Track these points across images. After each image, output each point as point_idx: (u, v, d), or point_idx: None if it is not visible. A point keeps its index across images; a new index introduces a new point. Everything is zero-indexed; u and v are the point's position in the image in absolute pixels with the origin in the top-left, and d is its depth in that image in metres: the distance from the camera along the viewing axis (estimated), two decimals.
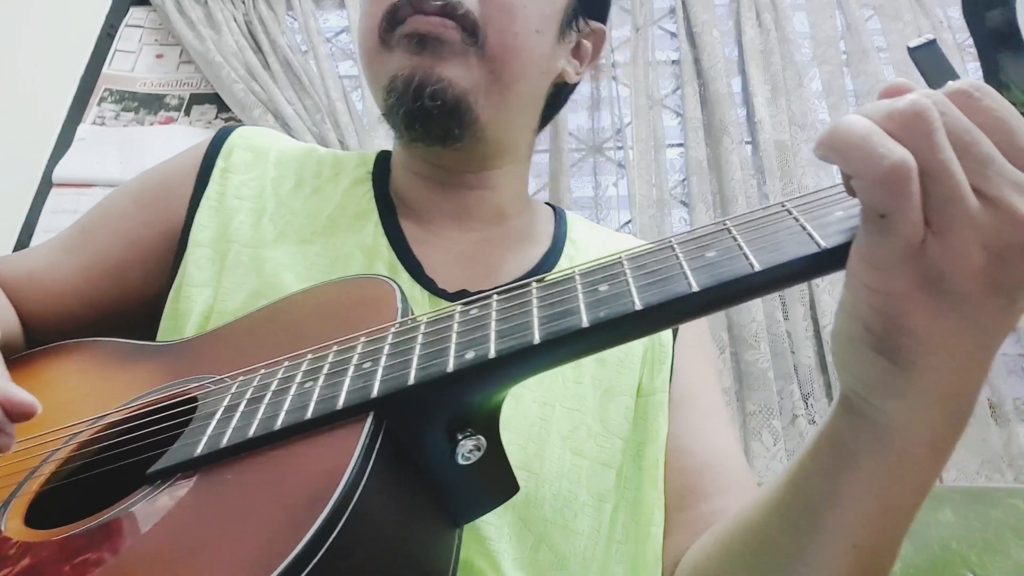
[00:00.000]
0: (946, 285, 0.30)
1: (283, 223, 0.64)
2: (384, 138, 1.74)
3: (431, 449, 0.38)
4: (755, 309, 1.49)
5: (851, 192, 0.33)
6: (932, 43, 0.39)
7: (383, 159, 0.72)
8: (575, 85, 0.73)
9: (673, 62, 1.88)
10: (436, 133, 0.61)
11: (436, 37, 0.58)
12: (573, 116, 1.82)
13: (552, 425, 0.56)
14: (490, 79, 0.60)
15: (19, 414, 0.41)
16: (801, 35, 1.84)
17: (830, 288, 1.51)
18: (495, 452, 0.40)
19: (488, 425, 0.39)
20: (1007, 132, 0.30)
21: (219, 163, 0.67)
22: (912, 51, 0.39)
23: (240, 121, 1.82)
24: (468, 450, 0.38)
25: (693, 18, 1.82)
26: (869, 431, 0.35)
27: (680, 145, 1.75)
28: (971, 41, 0.39)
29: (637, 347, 0.63)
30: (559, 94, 0.71)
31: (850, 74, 1.79)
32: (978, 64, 0.39)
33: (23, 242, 1.73)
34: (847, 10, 1.84)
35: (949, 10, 1.84)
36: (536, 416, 0.56)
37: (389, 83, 0.60)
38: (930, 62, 0.38)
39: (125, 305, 0.65)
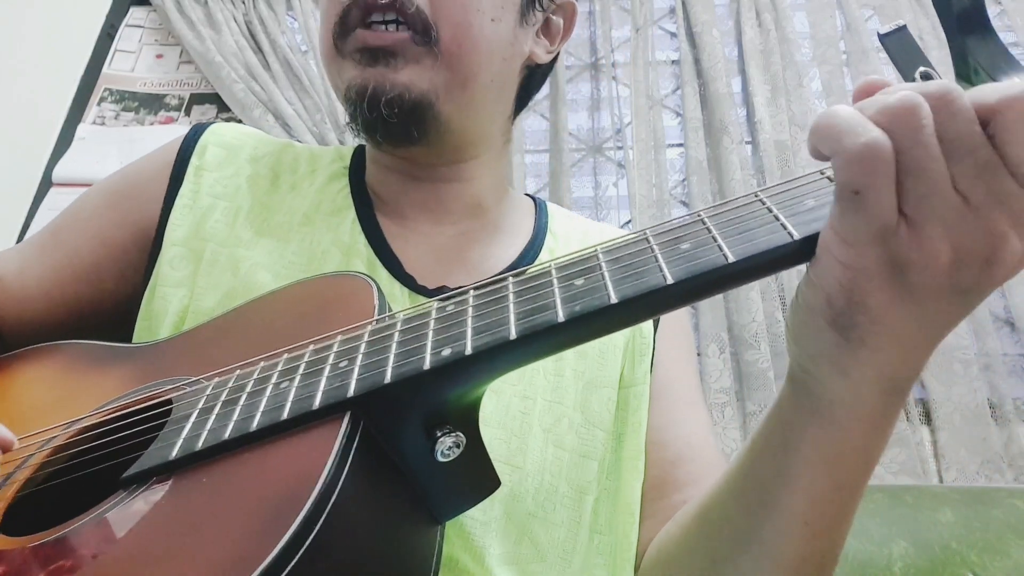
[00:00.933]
0: (910, 275, 0.31)
1: (259, 221, 0.64)
2: None
3: (410, 447, 0.38)
4: (755, 309, 1.49)
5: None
6: (903, 29, 0.39)
7: (360, 153, 0.72)
8: (551, 64, 0.71)
9: (673, 62, 1.88)
10: (398, 138, 0.61)
11: (386, 49, 0.58)
12: (573, 116, 1.82)
13: (534, 419, 0.57)
14: (448, 76, 0.59)
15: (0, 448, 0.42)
16: (801, 35, 1.84)
17: None
18: (475, 448, 0.39)
19: (467, 421, 0.39)
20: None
21: (193, 161, 0.66)
22: (882, 38, 0.39)
23: (240, 121, 1.82)
24: (447, 447, 0.38)
25: (693, 18, 1.82)
26: (812, 407, 0.37)
27: (680, 145, 1.75)
28: None
29: (618, 338, 0.63)
30: (532, 76, 0.70)
31: (850, 74, 1.79)
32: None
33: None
34: (847, 10, 1.84)
35: None
36: (518, 410, 0.56)
37: (345, 92, 0.60)
38: (901, 49, 0.38)
39: (99, 306, 0.64)
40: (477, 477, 0.42)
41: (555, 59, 0.71)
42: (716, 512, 0.46)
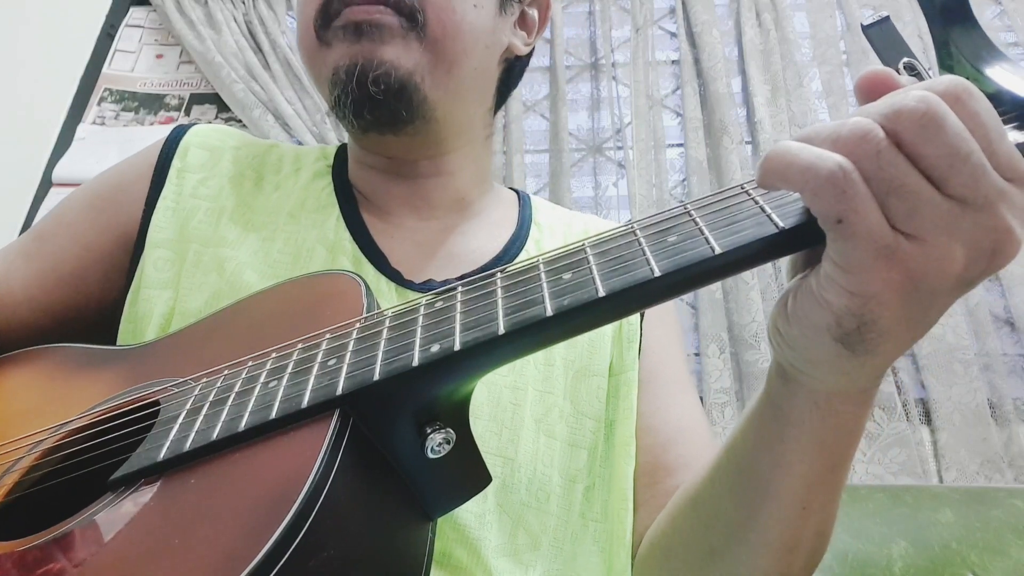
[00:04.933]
0: (925, 285, 0.31)
1: (243, 221, 0.64)
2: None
3: (400, 444, 0.38)
4: (755, 309, 1.49)
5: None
6: (886, 20, 0.39)
7: (343, 152, 0.72)
8: (528, 58, 0.72)
9: (673, 62, 1.88)
10: (385, 119, 0.61)
11: (373, 23, 0.57)
12: (573, 116, 1.82)
13: (525, 409, 0.57)
14: (433, 59, 0.59)
15: None
16: (801, 35, 1.84)
17: None
18: (465, 444, 0.39)
19: (457, 417, 0.39)
20: (987, 139, 0.30)
21: (175, 163, 0.66)
22: (866, 29, 0.39)
23: (240, 121, 1.82)
24: (437, 443, 0.37)
25: (693, 18, 1.82)
26: (810, 400, 0.37)
27: (680, 145, 1.76)
28: None
29: (607, 327, 0.63)
30: (511, 69, 0.70)
31: (850, 74, 1.79)
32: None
33: None
34: (847, 10, 1.84)
35: None
36: (509, 401, 0.56)
37: (332, 76, 0.59)
38: (884, 40, 0.38)
39: (84, 311, 0.64)
40: (468, 473, 0.42)
41: (531, 53, 0.72)
42: (708, 505, 0.47)
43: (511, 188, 0.76)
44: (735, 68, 1.80)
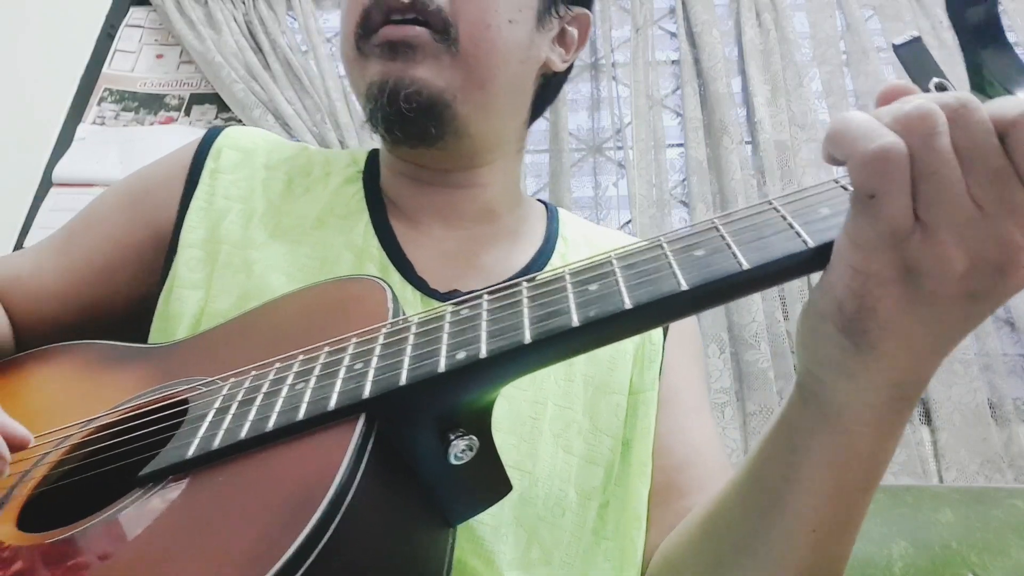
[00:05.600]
0: (924, 281, 0.31)
1: (272, 224, 0.64)
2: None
3: (423, 449, 0.38)
4: (755, 309, 1.49)
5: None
6: (917, 40, 0.39)
7: (374, 157, 0.72)
8: (566, 74, 0.72)
9: (673, 62, 1.88)
10: (415, 135, 0.62)
11: (407, 43, 0.58)
12: (573, 116, 1.82)
13: (544, 424, 0.57)
14: (465, 75, 0.60)
15: (16, 446, 0.42)
16: (801, 35, 1.84)
17: None
18: (487, 452, 0.40)
19: (480, 425, 0.39)
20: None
21: (208, 164, 0.67)
22: (897, 48, 0.39)
23: (240, 121, 1.82)
24: (460, 450, 0.38)
25: (693, 18, 1.82)
26: (819, 412, 0.37)
27: (680, 145, 1.75)
28: None
29: (628, 344, 0.63)
30: (548, 84, 0.70)
31: (850, 74, 1.79)
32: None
33: (23, 242, 1.73)
34: (847, 10, 1.84)
35: None
36: (528, 415, 0.56)
37: (367, 91, 0.61)
38: (915, 60, 0.38)
39: (113, 307, 0.64)
40: (489, 480, 0.42)
41: (570, 68, 0.72)
42: (722, 516, 0.46)
43: (539, 200, 0.76)
44: (735, 68, 1.80)
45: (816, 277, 0.34)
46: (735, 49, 1.83)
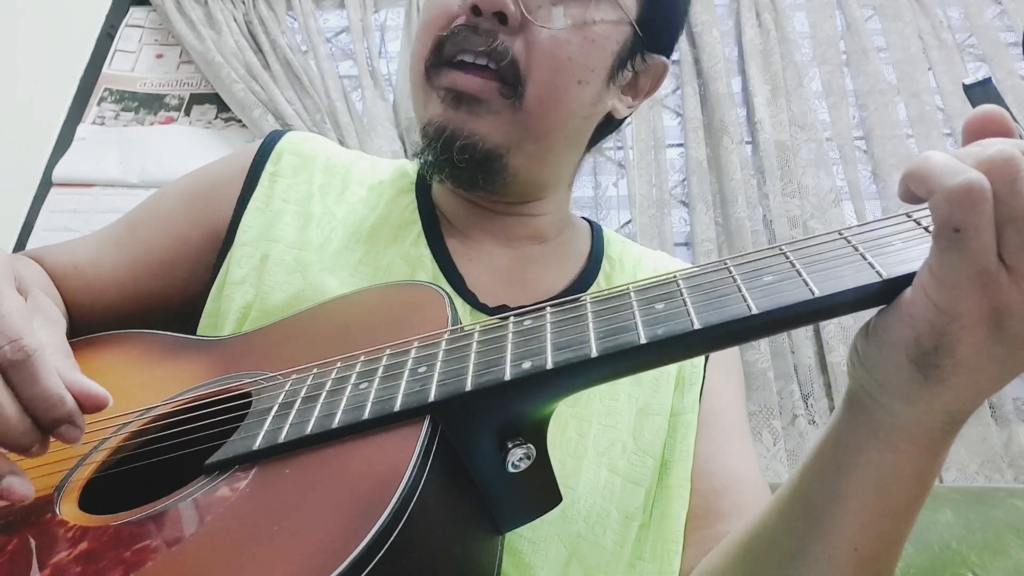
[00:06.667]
0: (1009, 324, 0.31)
1: (328, 229, 0.65)
2: (384, 138, 1.73)
3: (482, 455, 0.39)
4: None
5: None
6: (988, 81, 0.39)
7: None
8: (625, 118, 0.70)
9: (673, 62, 1.87)
10: (463, 182, 0.62)
11: (474, 96, 0.58)
12: None
13: (588, 441, 0.57)
14: (524, 132, 0.59)
15: (92, 406, 0.41)
16: (801, 35, 1.84)
17: None
18: (542, 462, 0.40)
19: (538, 435, 0.39)
20: None
21: (268, 167, 0.68)
22: (967, 89, 0.40)
23: (240, 121, 1.82)
24: (518, 458, 0.39)
25: (693, 18, 1.82)
26: (870, 430, 0.37)
27: (680, 145, 1.76)
28: (971, 42, 0.39)
29: (671, 366, 0.63)
30: (607, 124, 0.69)
31: (850, 74, 1.80)
32: (978, 64, 0.39)
33: (23, 242, 1.73)
34: (847, 10, 1.84)
35: (949, 10, 1.84)
36: (573, 432, 0.57)
37: (424, 128, 0.61)
38: (985, 99, 0.39)
39: (167, 301, 0.66)
40: (541, 490, 0.42)
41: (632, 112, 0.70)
42: (763, 535, 0.45)
43: (584, 218, 0.76)
44: (735, 68, 1.80)
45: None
46: (735, 49, 1.83)
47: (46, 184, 1.81)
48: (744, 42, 1.79)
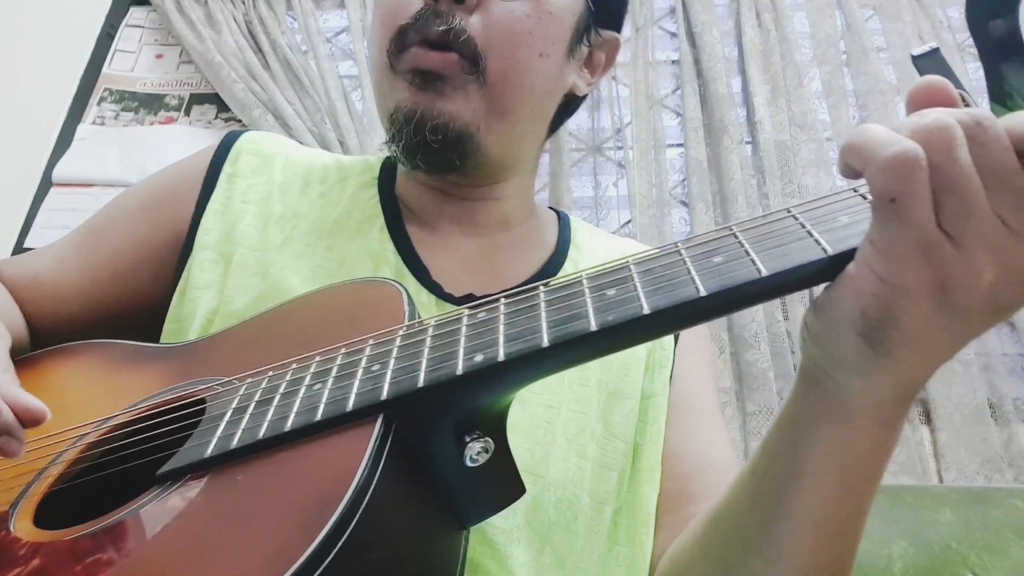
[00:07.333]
0: (954, 294, 0.31)
1: (289, 228, 0.65)
2: (384, 138, 1.73)
3: (439, 451, 0.38)
4: (755, 309, 1.48)
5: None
6: (935, 51, 0.39)
7: (390, 164, 0.73)
8: (585, 96, 0.72)
9: (673, 62, 1.88)
10: (437, 164, 0.62)
11: (437, 74, 0.59)
12: (573, 116, 1.82)
13: (558, 428, 0.57)
14: (491, 108, 0.60)
15: (30, 420, 0.42)
16: (801, 35, 1.84)
17: None
18: (502, 454, 0.40)
19: (495, 427, 0.39)
20: None
21: (226, 168, 0.67)
22: (916, 59, 0.39)
23: (240, 121, 1.82)
24: (476, 452, 0.38)
25: (693, 18, 1.82)
26: (825, 406, 0.37)
27: (680, 145, 1.75)
28: (971, 41, 0.39)
29: (640, 350, 0.63)
30: (569, 104, 0.71)
31: (850, 74, 1.79)
32: (978, 64, 0.39)
33: (23, 242, 1.73)
34: (847, 10, 1.84)
35: (949, 10, 1.84)
36: (542, 419, 0.57)
37: (392, 114, 0.61)
38: (934, 71, 0.38)
39: (131, 308, 0.65)
40: (503, 483, 0.42)
41: (588, 93, 0.72)
42: (729, 516, 0.46)
43: (552, 208, 0.77)
44: (735, 68, 1.80)
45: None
46: (735, 49, 1.83)
47: (46, 184, 1.81)
48: (744, 42, 1.79)
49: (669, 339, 0.65)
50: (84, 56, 1.96)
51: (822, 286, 0.35)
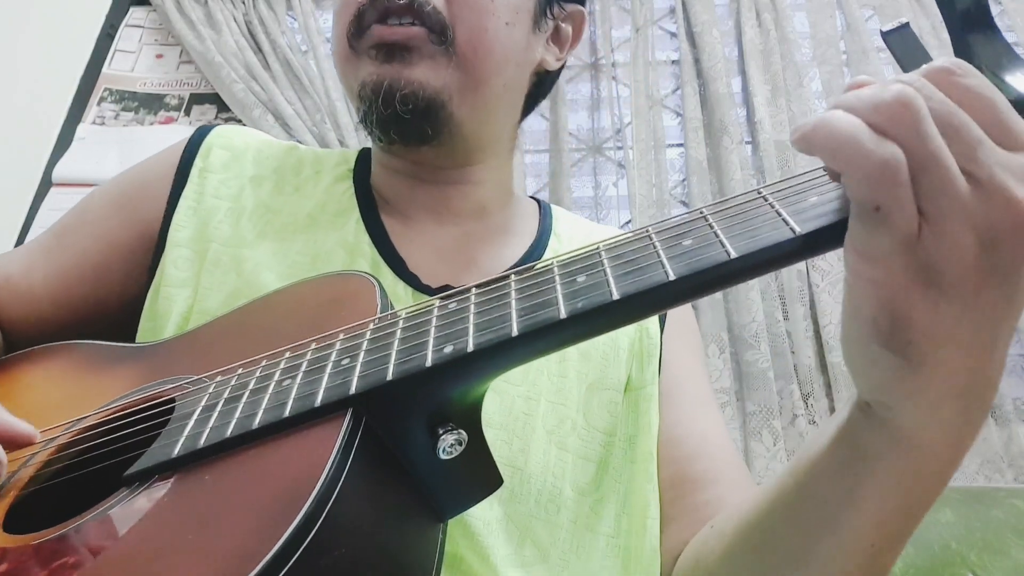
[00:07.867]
0: (943, 276, 0.29)
1: (263, 222, 0.64)
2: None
3: (412, 444, 0.38)
4: (755, 309, 1.49)
5: (833, 177, 0.33)
6: (905, 26, 0.39)
7: (365, 156, 0.72)
8: (558, 72, 0.72)
9: (673, 62, 1.88)
10: (411, 135, 0.62)
11: (403, 44, 0.58)
12: (573, 116, 1.82)
13: (537, 420, 0.56)
14: (462, 78, 0.60)
15: (18, 445, 0.42)
16: (801, 35, 1.84)
17: (830, 288, 1.51)
18: (477, 446, 0.39)
19: (469, 419, 0.39)
20: (991, 110, 0.30)
21: (197, 163, 0.66)
22: (885, 35, 0.39)
23: (240, 121, 1.82)
24: (449, 444, 0.38)
25: (693, 18, 1.82)
26: (887, 435, 0.35)
27: (680, 145, 1.75)
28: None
29: (623, 340, 0.63)
30: (541, 83, 0.70)
31: (850, 74, 1.79)
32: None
33: (23, 242, 1.73)
34: (847, 10, 1.84)
35: None
36: (521, 411, 0.56)
37: (359, 91, 0.60)
38: (904, 46, 0.38)
39: (104, 307, 0.64)
40: (479, 475, 0.42)
41: (562, 67, 0.71)
42: (766, 529, 0.44)
43: (532, 197, 0.76)
44: (735, 68, 1.80)
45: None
46: (735, 49, 1.83)
47: (46, 184, 1.81)
48: (744, 42, 1.79)
49: (655, 327, 0.65)
50: (84, 56, 1.96)
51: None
